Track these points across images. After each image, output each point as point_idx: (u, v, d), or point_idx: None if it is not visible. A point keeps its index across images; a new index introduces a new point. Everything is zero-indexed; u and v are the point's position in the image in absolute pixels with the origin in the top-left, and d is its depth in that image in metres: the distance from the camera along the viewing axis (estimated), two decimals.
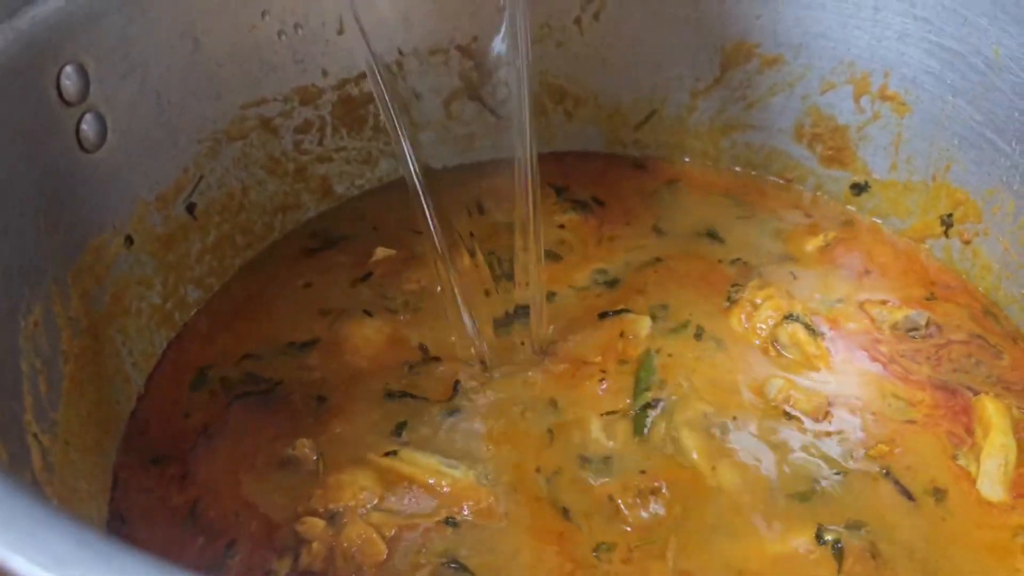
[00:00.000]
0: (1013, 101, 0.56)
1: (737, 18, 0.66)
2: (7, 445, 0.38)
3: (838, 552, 0.44)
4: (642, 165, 0.72)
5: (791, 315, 0.56)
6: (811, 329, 0.55)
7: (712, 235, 0.64)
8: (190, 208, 0.59)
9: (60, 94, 0.48)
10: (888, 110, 0.63)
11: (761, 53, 0.67)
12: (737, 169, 0.71)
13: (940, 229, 0.62)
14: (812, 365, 0.54)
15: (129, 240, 0.55)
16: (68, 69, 0.48)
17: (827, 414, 0.51)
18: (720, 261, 0.62)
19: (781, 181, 0.70)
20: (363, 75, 0.66)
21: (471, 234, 0.54)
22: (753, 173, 0.70)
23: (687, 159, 0.72)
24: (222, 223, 0.62)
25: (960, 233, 0.61)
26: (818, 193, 0.68)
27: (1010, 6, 0.54)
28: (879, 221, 0.66)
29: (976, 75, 0.57)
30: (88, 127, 0.50)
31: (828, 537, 0.45)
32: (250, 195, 0.64)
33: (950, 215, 0.62)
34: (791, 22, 0.65)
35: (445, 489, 0.48)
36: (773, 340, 0.55)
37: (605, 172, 0.71)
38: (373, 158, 0.70)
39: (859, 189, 0.67)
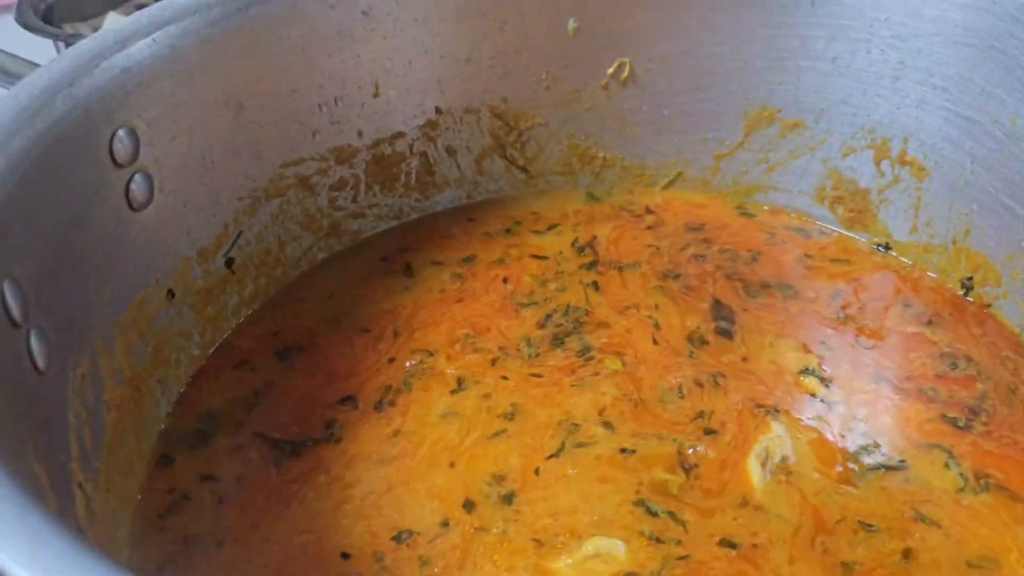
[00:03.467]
0: None
1: (759, 84, 0.68)
2: (56, 493, 0.40)
3: None
4: None
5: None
6: None
7: None
8: (229, 263, 0.62)
9: (112, 156, 0.50)
10: (908, 174, 0.65)
11: (783, 118, 0.69)
12: None
13: (961, 292, 0.63)
14: None
15: (171, 294, 0.57)
16: (121, 133, 0.51)
17: None
18: None
19: None
20: (396, 135, 0.69)
21: None
22: None
23: None
24: (258, 276, 0.64)
25: (980, 296, 0.62)
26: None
27: None
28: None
29: (994, 143, 0.59)
30: (137, 187, 0.52)
31: None
32: (286, 250, 0.66)
33: (970, 278, 0.63)
34: (812, 88, 0.67)
35: None
36: None
37: None
38: (404, 213, 0.73)
39: (881, 251, 0.68)
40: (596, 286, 0.65)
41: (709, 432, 0.53)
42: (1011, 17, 0.56)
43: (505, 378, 0.58)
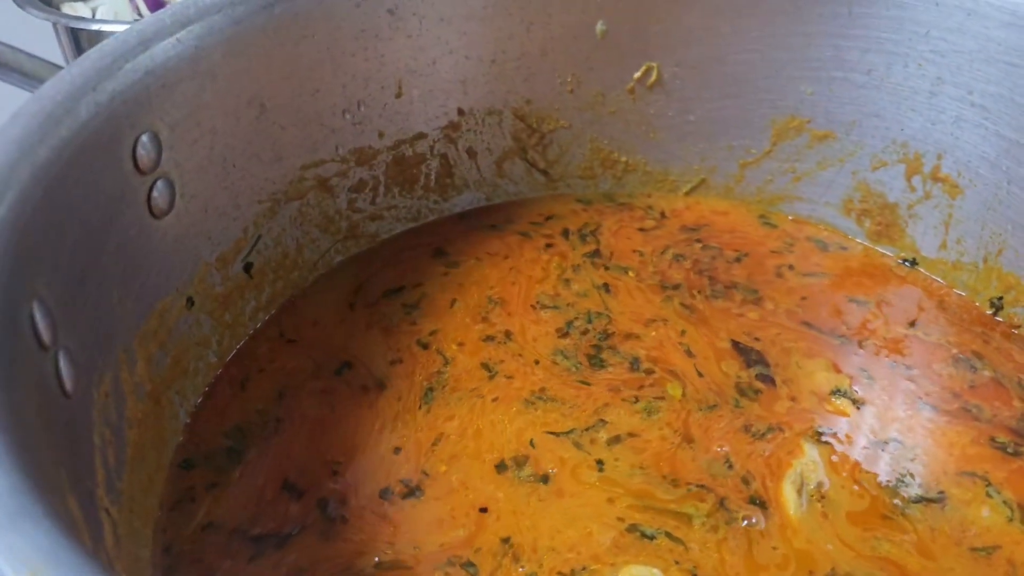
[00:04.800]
0: None
1: (788, 93, 0.67)
2: (88, 524, 0.38)
3: None
4: None
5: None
6: None
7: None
8: (247, 267, 0.60)
9: (136, 163, 0.48)
10: (940, 191, 0.64)
11: (812, 128, 0.67)
12: None
13: (990, 311, 0.63)
14: None
15: (190, 302, 0.55)
16: (144, 138, 0.49)
17: None
18: None
19: None
20: (418, 136, 0.67)
21: None
22: None
23: None
24: (276, 280, 0.63)
25: (1010, 317, 0.62)
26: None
27: None
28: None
29: None
30: (159, 194, 0.50)
31: None
32: (304, 253, 0.64)
33: (1000, 298, 0.62)
34: (844, 100, 0.65)
35: None
36: None
37: None
38: (423, 215, 0.71)
39: (907, 265, 0.67)
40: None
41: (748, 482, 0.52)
42: None
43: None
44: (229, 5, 0.54)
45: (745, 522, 0.49)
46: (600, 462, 0.52)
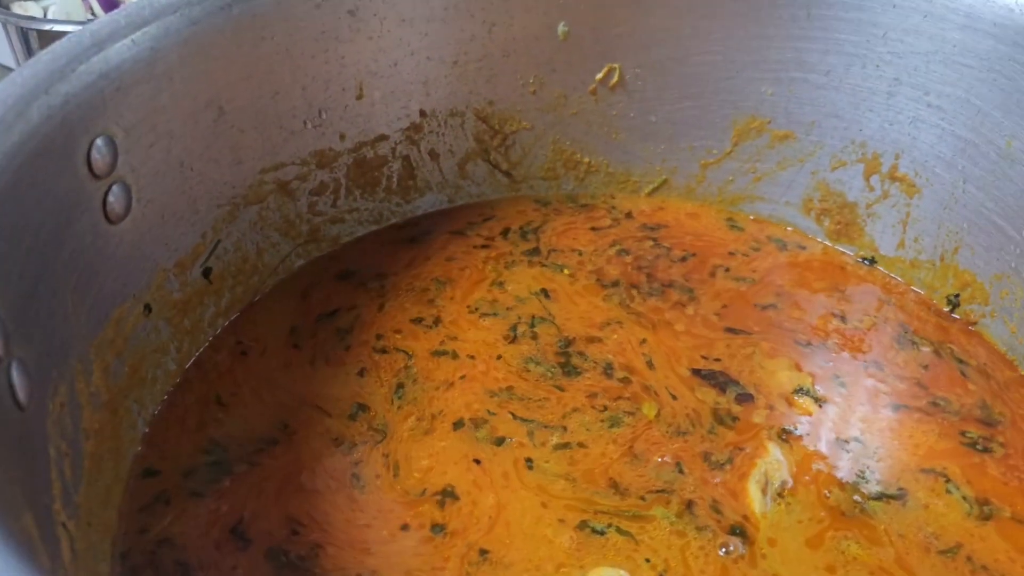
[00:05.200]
0: None
1: (749, 94, 0.68)
2: (45, 542, 0.37)
3: None
4: None
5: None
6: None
7: None
8: (206, 272, 0.59)
9: (90, 167, 0.47)
10: (898, 190, 0.65)
11: (772, 129, 0.68)
12: None
13: (947, 308, 0.64)
14: None
15: (148, 308, 0.54)
16: (99, 142, 0.47)
17: None
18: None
19: None
20: (379, 138, 0.67)
21: None
22: None
23: None
24: (235, 286, 0.62)
25: (966, 314, 0.63)
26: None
27: None
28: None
29: (988, 163, 0.59)
30: (115, 199, 0.49)
31: None
32: (263, 257, 0.63)
33: (957, 295, 0.63)
34: (804, 100, 0.66)
35: None
36: None
37: None
38: (384, 218, 0.70)
39: (866, 264, 0.68)
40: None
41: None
42: (1011, 40, 0.55)
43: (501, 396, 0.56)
44: (186, 5, 0.52)
45: (723, 550, 0.49)
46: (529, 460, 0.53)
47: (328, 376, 0.57)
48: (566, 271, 0.66)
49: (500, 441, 0.54)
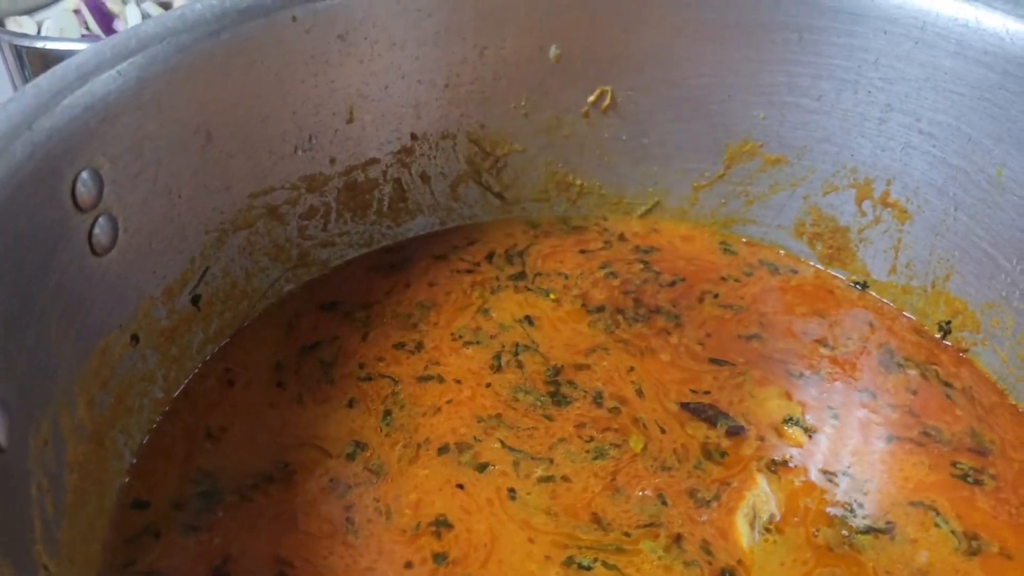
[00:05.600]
0: (1015, 220, 0.57)
1: (741, 117, 0.67)
2: None
3: None
4: None
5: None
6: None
7: None
8: (195, 299, 0.59)
9: (75, 201, 0.47)
10: (889, 216, 0.64)
11: (764, 152, 0.68)
12: None
13: (938, 335, 0.63)
14: None
15: (135, 338, 0.54)
16: (84, 175, 0.47)
17: None
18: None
19: None
20: (370, 161, 0.66)
21: None
22: None
23: None
24: (224, 311, 0.61)
25: (957, 341, 0.62)
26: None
27: (1015, 130, 0.56)
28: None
29: (979, 192, 0.59)
30: (101, 230, 0.49)
31: None
32: (253, 282, 0.63)
33: (948, 322, 0.63)
34: (796, 125, 0.66)
35: None
36: None
37: None
38: (375, 240, 0.70)
39: (858, 288, 0.67)
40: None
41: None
42: (1002, 69, 0.55)
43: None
44: (173, 33, 0.52)
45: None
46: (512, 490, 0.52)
47: (320, 415, 0.57)
48: (551, 295, 0.65)
49: (483, 467, 0.54)
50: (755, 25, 0.63)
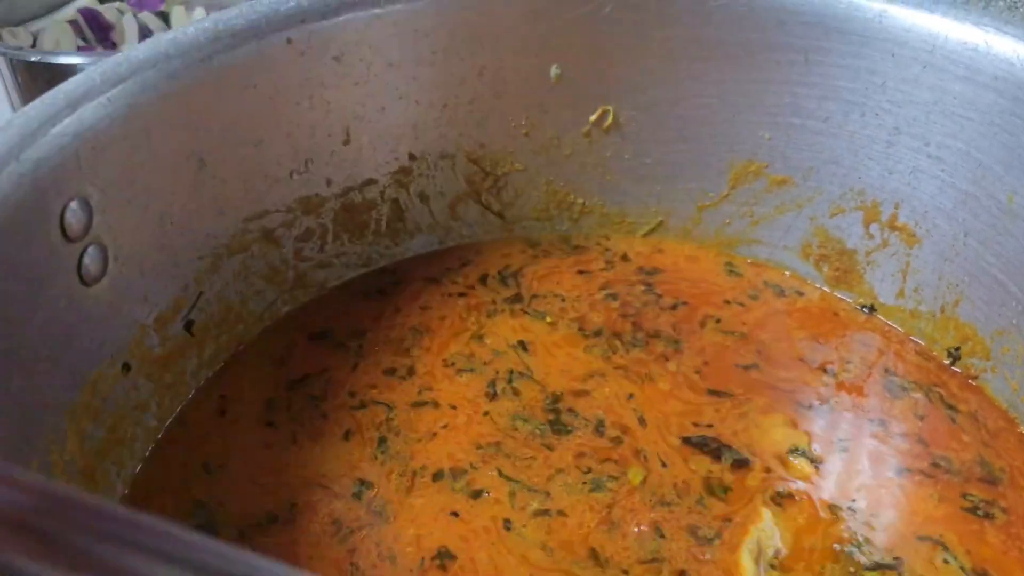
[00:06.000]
0: None
1: (746, 138, 0.66)
2: None
3: None
4: None
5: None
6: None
7: None
8: (188, 325, 0.58)
9: (64, 231, 0.46)
10: (897, 239, 0.63)
11: (770, 173, 0.67)
12: None
13: (947, 361, 0.62)
14: None
15: (127, 368, 0.53)
16: (72, 205, 0.46)
17: None
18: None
19: None
20: (367, 182, 0.65)
21: None
22: None
23: None
24: (219, 336, 0.60)
25: (967, 367, 0.61)
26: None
27: None
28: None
29: (989, 217, 0.57)
30: (90, 260, 0.48)
31: None
32: (248, 305, 0.62)
33: (957, 348, 0.62)
34: (802, 146, 0.64)
35: None
36: None
37: None
38: (373, 261, 0.69)
39: (866, 312, 0.66)
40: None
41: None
42: (1012, 95, 0.54)
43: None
44: (164, 59, 0.51)
45: None
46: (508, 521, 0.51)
47: (317, 453, 0.55)
48: (548, 319, 0.64)
49: (477, 494, 0.53)
50: (759, 45, 0.62)
